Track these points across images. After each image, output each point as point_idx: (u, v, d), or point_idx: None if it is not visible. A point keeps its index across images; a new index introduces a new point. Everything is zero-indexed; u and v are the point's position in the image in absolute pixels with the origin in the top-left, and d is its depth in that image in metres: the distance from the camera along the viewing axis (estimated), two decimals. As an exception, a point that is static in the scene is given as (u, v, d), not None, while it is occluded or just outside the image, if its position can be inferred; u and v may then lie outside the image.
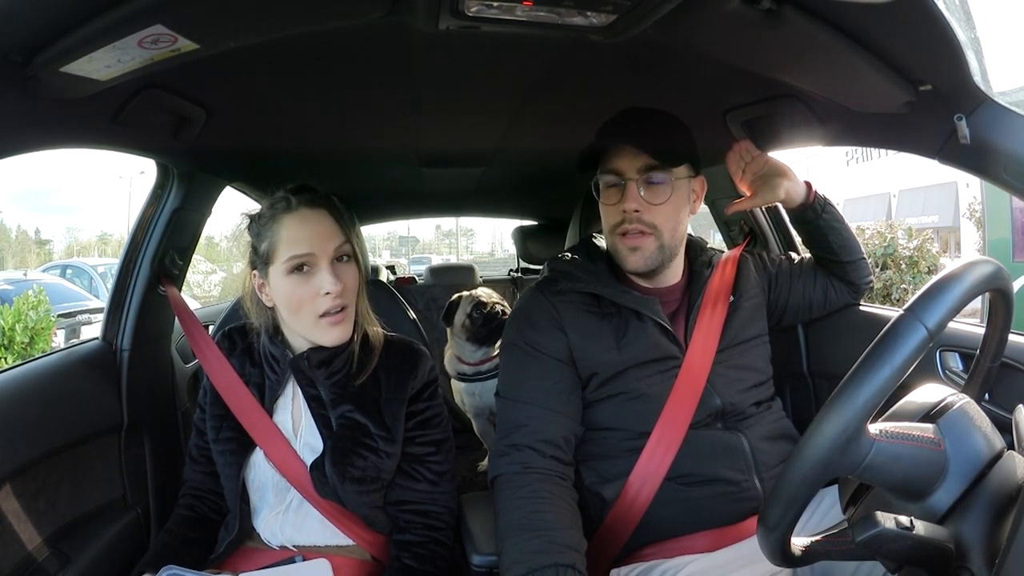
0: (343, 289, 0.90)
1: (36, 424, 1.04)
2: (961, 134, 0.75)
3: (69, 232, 34.86)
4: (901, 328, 0.47)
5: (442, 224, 33.82)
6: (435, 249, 31.31)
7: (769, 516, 0.51)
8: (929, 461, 0.50)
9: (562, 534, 0.81)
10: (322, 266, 0.89)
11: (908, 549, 0.48)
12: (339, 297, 0.90)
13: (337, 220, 0.93)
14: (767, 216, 1.47)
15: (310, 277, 0.90)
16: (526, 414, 0.93)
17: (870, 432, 0.48)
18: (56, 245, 33.79)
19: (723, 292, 1.01)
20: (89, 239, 36.66)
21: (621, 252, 0.97)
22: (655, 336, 0.96)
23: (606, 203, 0.97)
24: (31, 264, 21.23)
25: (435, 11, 0.71)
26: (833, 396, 0.48)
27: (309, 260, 0.89)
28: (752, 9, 0.68)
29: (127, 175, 26.25)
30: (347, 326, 0.93)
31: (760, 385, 1.01)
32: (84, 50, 0.68)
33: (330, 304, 0.90)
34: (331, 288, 0.88)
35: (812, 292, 1.14)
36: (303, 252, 0.89)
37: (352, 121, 1.27)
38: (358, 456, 0.94)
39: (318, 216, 0.92)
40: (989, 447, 0.52)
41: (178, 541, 0.98)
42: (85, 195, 69.05)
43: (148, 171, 1.33)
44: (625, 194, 0.94)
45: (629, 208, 0.93)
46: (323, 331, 0.92)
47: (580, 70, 1.01)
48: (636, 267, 0.96)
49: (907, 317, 0.48)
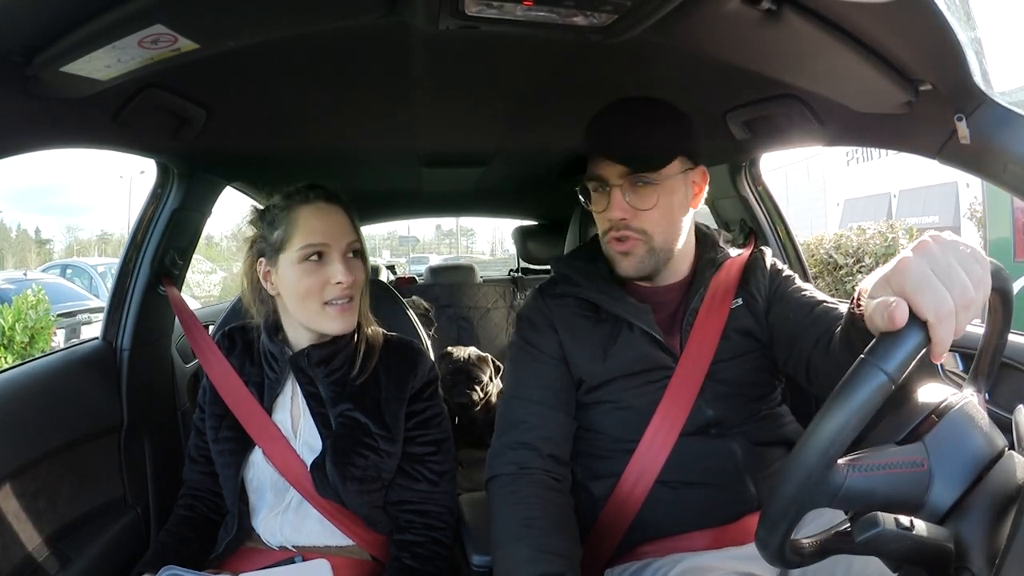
0: (353, 282, 0.93)
1: (36, 424, 1.04)
2: (961, 134, 0.75)
3: (69, 232, 34.87)
4: (860, 374, 0.47)
5: (442, 224, 33.81)
6: (435, 249, 31.29)
7: (760, 532, 0.51)
8: (910, 482, 0.50)
9: (553, 541, 0.81)
10: (335, 257, 0.93)
11: (908, 549, 0.48)
12: (348, 288, 0.93)
13: (350, 218, 0.98)
14: (767, 216, 1.47)
15: (322, 267, 0.93)
16: (524, 410, 0.94)
17: (841, 467, 0.49)
18: (56, 244, 33.77)
19: (725, 297, 0.95)
20: (89, 238, 36.65)
21: (613, 258, 0.94)
22: (644, 347, 0.93)
23: (595, 210, 0.95)
24: (32, 263, 21.19)
25: (435, 11, 0.71)
26: (797, 445, 0.49)
27: (324, 250, 0.93)
28: (752, 9, 0.68)
29: (127, 175, 26.23)
30: (351, 317, 0.96)
31: (760, 399, 0.95)
32: (84, 50, 0.68)
33: (338, 293, 0.93)
34: (343, 278, 0.92)
35: (793, 349, 0.91)
36: (319, 242, 0.92)
37: (352, 121, 1.27)
38: (359, 455, 0.94)
39: (334, 211, 0.96)
40: (989, 447, 0.52)
41: (178, 541, 0.98)
42: (85, 195, 69.04)
43: (148, 171, 1.33)
44: (610, 202, 0.90)
45: (615, 217, 0.90)
46: (329, 319, 0.94)
47: (580, 70, 1.01)
48: (627, 272, 0.94)
49: (866, 363, 0.47)
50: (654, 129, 0.91)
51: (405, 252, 22.41)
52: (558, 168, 0.97)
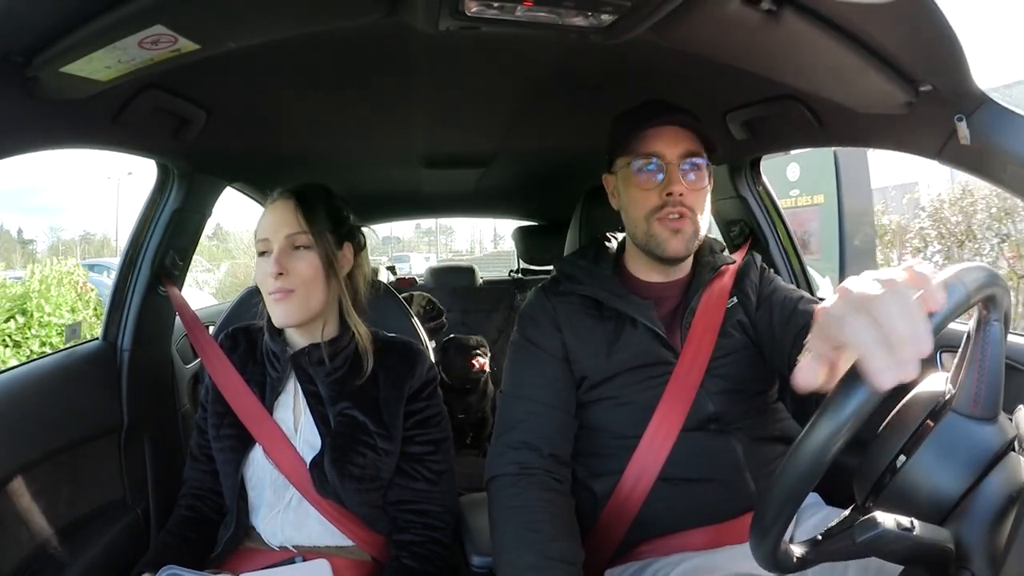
0: (283, 274, 0.93)
1: (36, 424, 1.04)
2: (961, 135, 0.75)
3: (52, 232, 34.39)
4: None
5: (422, 223, 33.57)
6: (415, 247, 31.12)
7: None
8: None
9: (556, 547, 0.81)
10: (272, 251, 0.94)
11: (909, 550, 0.48)
12: (280, 280, 0.93)
13: (302, 212, 0.95)
14: (767, 216, 1.47)
15: (266, 261, 0.95)
16: (525, 410, 0.94)
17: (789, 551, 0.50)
18: (39, 245, 33.25)
19: (722, 296, 0.99)
20: (72, 238, 36.19)
21: (660, 236, 0.93)
22: (647, 342, 0.95)
23: (643, 187, 0.94)
24: (15, 264, 20.91)
25: (435, 11, 0.72)
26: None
27: (266, 245, 0.95)
28: (752, 10, 0.68)
29: (115, 176, 25.98)
30: (291, 308, 0.94)
31: (759, 395, 0.98)
32: (84, 51, 0.68)
33: (272, 287, 0.94)
34: (270, 269, 0.93)
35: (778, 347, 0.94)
36: (262, 237, 0.96)
37: (352, 122, 1.27)
38: (357, 454, 0.94)
39: (284, 206, 0.96)
40: (989, 448, 0.52)
41: (178, 541, 0.99)
42: (68, 195, 68.24)
43: (136, 172, 1.34)
44: (669, 177, 0.92)
45: (676, 191, 0.91)
46: (271, 308, 0.96)
47: (580, 71, 1.01)
48: (677, 251, 0.94)
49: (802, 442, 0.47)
50: (697, 120, 0.96)
51: (387, 252, 22.40)
52: (607, 143, 1.01)
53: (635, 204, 0.95)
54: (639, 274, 1.02)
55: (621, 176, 0.98)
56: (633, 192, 0.95)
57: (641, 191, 0.94)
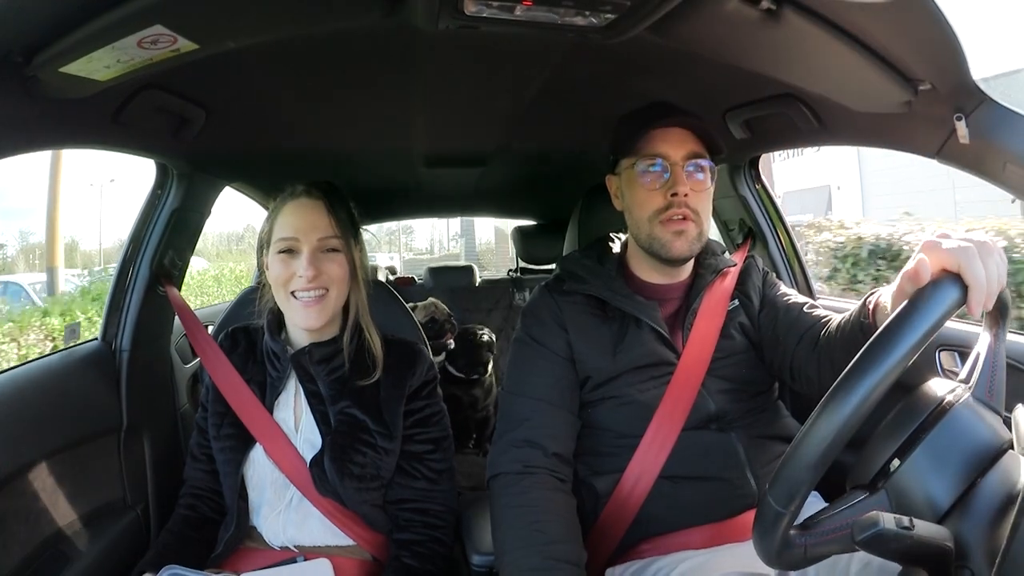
0: (318, 276, 0.93)
1: (36, 424, 1.04)
2: (961, 134, 0.75)
3: (22, 236, 33.16)
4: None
5: (385, 225, 33.61)
6: (377, 247, 31.16)
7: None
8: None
9: (560, 548, 0.81)
10: (303, 252, 0.93)
11: (908, 548, 0.48)
12: (312, 282, 0.92)
13: (332, 214, 0.96)
14: (767, 216, 1.47)
15: (292, 260, 0.94)
16: (529, 408, 0.94)
17: (796, 537, 0.51)
18: (9, 249, 31.93)
19: (723, 299, 1.00)
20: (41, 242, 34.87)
21: (663, 238, 0.93)
22: (651, 343, 0.95)
23: (648, 188, 0.94)
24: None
25: (434, 11, 0.71)
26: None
27: (294, 245, 0.94)
28: (752, 9, 0.68)
29: (97, 183, 25.46)
30: (321, 314, 0.95)
31: (759, 394, 0.98)
32: (84, 50, 0.68)
33: (302, 287, 0.93)
34: (304, 271, 0.92)
35: (787, 353, 0.95)
36: (289, 236, 0.94)
37: (352, 121, 1.27)
38: (357, 452, 0.94)
39: (313, 206, 0.95)
40: (988, 447, 0.52)
41: (179, 541, 0.99)
42: (38, 198, 66.65)
43: (119, 179, 1.33)
44: (674, 178, 0.92)
45: (681, 192, 0.91)
46: (295, 310, 0.95)
47: (579, 70, 1.01)
48: (681, 253, 0.94)
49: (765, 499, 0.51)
50: (702, 122, 0.96)
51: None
52: (612, 143, 1.00)
53: (639, 205, 0.95)
54: (642, 275, 1.02)
55: (625, 177, 0.98)
56: (638, 193, 0.95)
57: (646, 192, 0.94)
